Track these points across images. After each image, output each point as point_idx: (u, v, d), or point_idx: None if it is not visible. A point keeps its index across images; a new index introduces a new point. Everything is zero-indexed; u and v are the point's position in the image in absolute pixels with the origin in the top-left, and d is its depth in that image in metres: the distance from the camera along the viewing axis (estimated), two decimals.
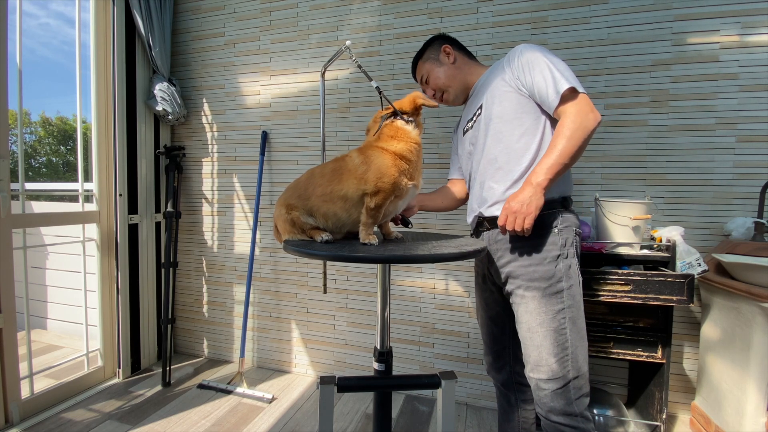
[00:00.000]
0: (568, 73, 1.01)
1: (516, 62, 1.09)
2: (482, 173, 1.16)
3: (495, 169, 1.12)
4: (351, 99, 2.05)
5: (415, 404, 1.95)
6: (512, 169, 1.09)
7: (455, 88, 1.28)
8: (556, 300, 1.02)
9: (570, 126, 0.96)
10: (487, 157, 1.14)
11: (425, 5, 1.90)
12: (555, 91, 0.99)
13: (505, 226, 1.00)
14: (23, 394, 1.75)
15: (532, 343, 1.04)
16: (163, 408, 1.86)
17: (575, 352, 1.01)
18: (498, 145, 1.11)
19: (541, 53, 1.05)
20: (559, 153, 0.96)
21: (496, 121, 1.10)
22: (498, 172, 1.11)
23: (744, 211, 1.60)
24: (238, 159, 2.29)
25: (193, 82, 2.35)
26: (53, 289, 2.83)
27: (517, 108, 1.08)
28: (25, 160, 1.86)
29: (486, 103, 1.14)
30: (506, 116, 1.09)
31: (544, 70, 1.02)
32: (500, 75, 1.12)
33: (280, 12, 2.14)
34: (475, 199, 1.21)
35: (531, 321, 1.04)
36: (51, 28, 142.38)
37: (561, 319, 1.01)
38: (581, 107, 0.98)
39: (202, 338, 2.45)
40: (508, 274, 1.10)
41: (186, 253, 2.44)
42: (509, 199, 1.01)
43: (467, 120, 1.26)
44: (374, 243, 0.93)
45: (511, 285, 1.09)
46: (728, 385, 1.44)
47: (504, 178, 1.10)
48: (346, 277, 2.12)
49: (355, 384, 0.95)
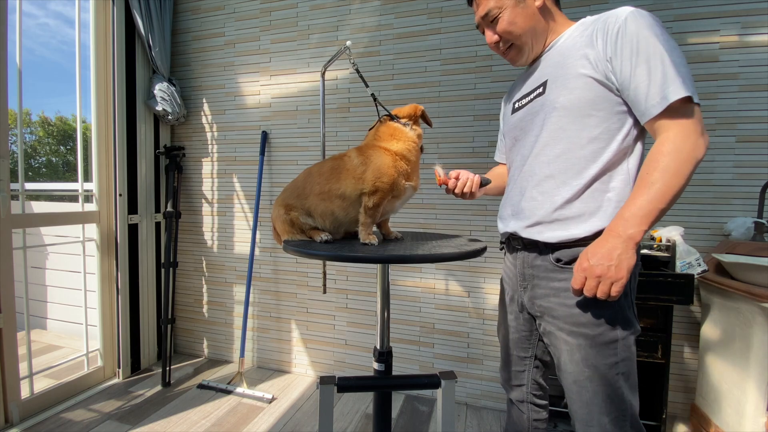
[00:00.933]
0: (685, 71, 0.72)
1: (616, 38, 0.76)
2: (526, 176, 0.91)
3: (545, 176, 0.86)
4: (351, 99, 2.05)
5: (415, 404, 1.94)
6: (568, 182, 0.83)
7: (529, 45, 0.92)
8: (609, 352, 0.80)
9: (675, 155, 0.70)
10: (538, 158, 0.88)
11: (425, 5, 1.90)
12: (661, 96, 0.72)
13: (582, 291, 0.77)
14: (23, 394, 1.74)
15: (580, 399, 0.85)
16: (163, 408, 1.85)
17: (632, 411, 0.82)
18: (556, 146, 0.85)
19: (657, 34, 0.74)
20: (661, 194, 0.70)
21: (561, 113, 0.83)
22: (548, 182, 0.86)
23: (744, 211, 1.60)
24: (238, 159, 2.29)
25: (193, 82, 2.34)
26: (53, 289, 2.83)
27: (594, 102, 0.80)
28: (24, 160, 1.86)
29: (552, 82, 0.86)
30: (576, 110, 0.82)
31: (653, 60, 0.72)
32: (584, 49, 0.81)
33: (280, 12, 2.14)
34: (510, 205, 0.96)
35: (577, 374, 0.83)
36: (50, 28, 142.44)
37: (615, 375, 0.80)
38: (691, 128, 0.71)
39: (202, 338, 2.45)
40: (545, 310, 0.89)
41: (186, 253, 2.44)
42: (588, 254, 0.76)
43: (522, 94, 0.97)
44: (374, 243, 0.93)
45: (549, 324, 0.89)
46: (728, 385, 1.44)
47: (554, 192, 0.84)
48: (346, 277, 2.12)
49: (355, 384, 0.95)
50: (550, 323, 0.88)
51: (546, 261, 0.88)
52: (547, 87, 0.87)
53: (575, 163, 0.82)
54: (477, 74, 1.84)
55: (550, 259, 0.87)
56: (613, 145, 0.80)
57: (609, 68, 0.78)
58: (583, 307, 0.82)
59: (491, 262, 1.88)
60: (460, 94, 1.87)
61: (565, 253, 0.85)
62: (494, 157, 1.24)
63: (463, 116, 1.87)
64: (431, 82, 1.91)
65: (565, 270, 0.85)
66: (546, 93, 0.87)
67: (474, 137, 1.87)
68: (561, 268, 0.85)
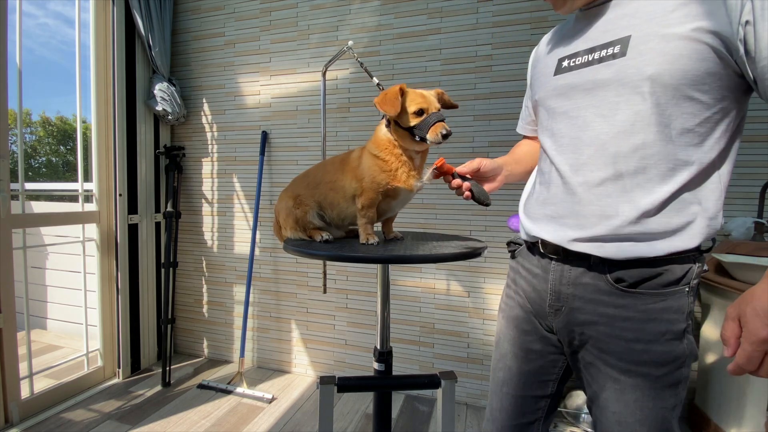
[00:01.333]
0: None
1: None
2: (584, 170, 0.66)
3: (616, 174, 0.63)
4: (351, 99, 2.05)
5: (415, 404, 1.94)
6: (650, 186, 0.61)
7: None
8: (671, 393, 0.65)
9: None
10: (606, 147, 0.64)
11: (425, 5, 1.90)
12: None
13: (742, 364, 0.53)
14: (23, 394, 1.74)
15: None
16: (163, 408, 1.85)
17: None
18: (635, 134, 0.61)
19: None
20: None
21: (656, 88, 0.58)
22: (619, 183, 0.63)
23: (744, 211, 1.60)
24: (238, 159, 2.29)
25: (193, 82, 2.35)
26: (53, 289, 2.83)
27: (702, 79, 0.57)
28: (25, 160, 1.86)
29: (639, 41, 0.60)
30: (673, 88, 0.58)
31: None
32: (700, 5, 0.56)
33: (280, 12, 2.14)
34: (551, 204, 0.72)
35: (626, 415, 0.67)
36: (50, 28, 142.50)
37: (672, 418, 0.66)
38: None
39: (202, 338, 2.45)
40: (588, 339, 0.70)
41: (186, 253, 2.44)
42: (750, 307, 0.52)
43: (579, 50, 0.69)
44: (374, 243, 0.93)
45: (593, 357, 0.70)
46: (728, 385, 1.44)
47: (629, 198, 0.62)
48: (346, 277, 2.12)
49: (355, 384, 0.95)
50: (595, 356, 0.69)
51: (599, 280, 0.66)
52: (629, 46, 0.61)
53: (661, 161, 0.60)
54: (477, 74, 1.85)
55: (607, 279, 0.66)
56: (709, 141, 0.60)
57: (740, 34, 0.53)
58: (647, 342, 0.64)
59: (491, 262, 1.88)
60: (460, 94, 1.87)
61: (630, 274, 0.64)
62: (517, 129, 0.97)
63: (463, 116, 1.87)
64: (431, 82, 1.91)
65: (627, 295, 0.65)
66: (627, 55, 0.61)
67: (474, 137, 1.87)
68: (622, 291, 0.65)
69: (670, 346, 0.63)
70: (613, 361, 0.67)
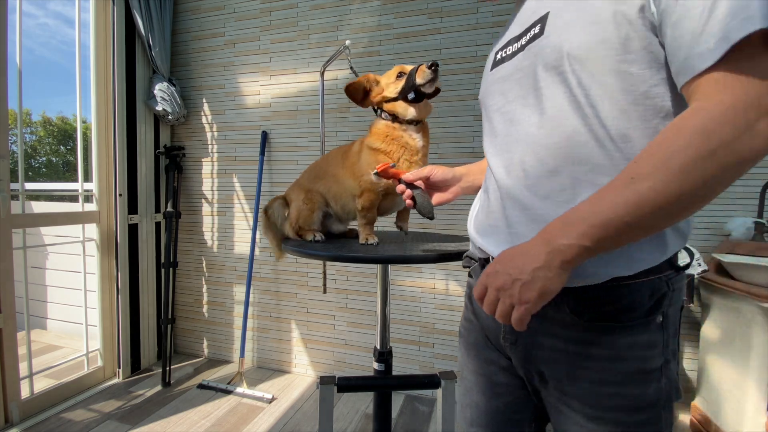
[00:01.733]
0: None
1: None
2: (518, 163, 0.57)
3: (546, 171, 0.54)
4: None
5: (415, 404, 1.94)
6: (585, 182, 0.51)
7: None
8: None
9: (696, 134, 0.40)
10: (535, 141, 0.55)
11: (425, 5, 1.90)
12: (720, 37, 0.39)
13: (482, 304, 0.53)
14: (23, 394, 1.74)
15: None
16: (163, 408, 1.85)
17: None
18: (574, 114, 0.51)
19: None
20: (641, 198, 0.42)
21: (575, 65, 0.50)
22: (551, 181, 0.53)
23: (744, 211, 1.60)
24: (238, 159, 2.29)
25: (193, 82, 2.34)
26: (53, 289, 2.83)
27: (621, 48, 0.48)
28: (25, 160, 1.86)
29: (554, 20, 0.53)
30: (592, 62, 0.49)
31: None
32: None
33: (280, 12, 2.14)
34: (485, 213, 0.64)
35: None
36: (49, 28, 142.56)
37: None
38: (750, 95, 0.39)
39: (202, 338, 2.45)
40: (547, 380, 0.59)
41: (186, 253, 2.44)
42: (498, 259, 0.51)
43: (509, 39, 0.62)
44: (373, 243, 0.93)
45: (556, 399, 0.59)
46: (728, 385, 1.44)
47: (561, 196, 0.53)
48: (346, 277, 2.12)
49: (355, 384, 0.95)
50: (556, 398, 0.58)
51: (557, 311, 0.55)
52: (546, 23, 0.53)
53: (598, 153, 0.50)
54: (477, 74, 1.84)
55: (565, 309, 0.54)
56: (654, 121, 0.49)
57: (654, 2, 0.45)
58: (616, 384, 0.53)
59: None
60: (460, 94, 1.87)
61: (586, 303, 0.53)
62: None
63: (463, 116, 1.87)
64: None
65: (589, 328, 0.54)
66: (545, 33, 0.53)
67: (474, 137, 1.87)
68: (584, 323, 0.54)
69: (643, 388, 0.52)
70: (578, 406, 0.55)
